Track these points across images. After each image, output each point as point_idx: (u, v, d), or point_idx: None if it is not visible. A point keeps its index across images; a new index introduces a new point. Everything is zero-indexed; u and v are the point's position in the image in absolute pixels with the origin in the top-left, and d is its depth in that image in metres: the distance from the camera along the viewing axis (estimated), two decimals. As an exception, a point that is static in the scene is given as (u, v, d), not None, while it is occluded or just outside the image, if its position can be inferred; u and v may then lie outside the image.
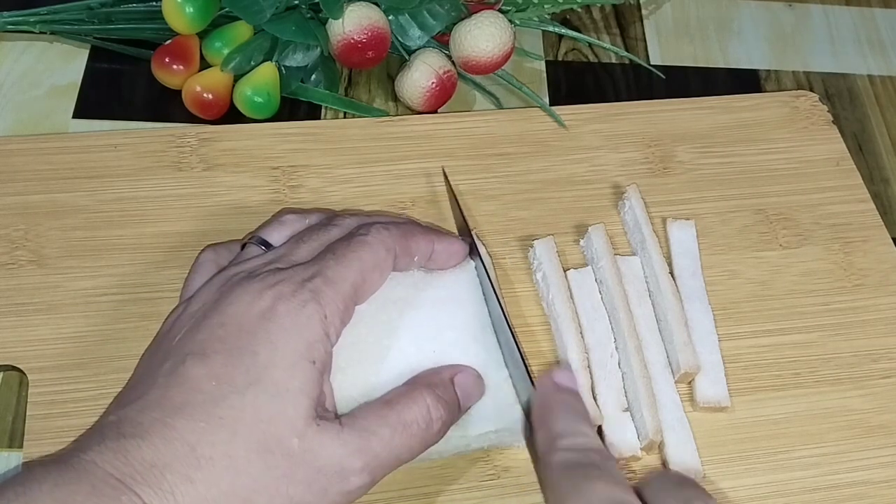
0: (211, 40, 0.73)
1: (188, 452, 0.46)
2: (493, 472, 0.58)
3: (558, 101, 0.79)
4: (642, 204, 0.68)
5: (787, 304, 0.66)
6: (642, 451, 0.59)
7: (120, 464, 0.45)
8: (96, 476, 0.45)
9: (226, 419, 0.48)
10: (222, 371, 0.49)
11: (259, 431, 0.48)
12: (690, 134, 0.75)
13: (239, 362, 0.49)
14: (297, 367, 0.50)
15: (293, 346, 0.50)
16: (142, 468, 0.45)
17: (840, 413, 0.62)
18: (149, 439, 0.46)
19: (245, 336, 0.50)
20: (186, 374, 0.49)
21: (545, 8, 0.78)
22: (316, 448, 0.49)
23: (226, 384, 0.49)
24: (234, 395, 0.48)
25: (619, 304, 0.63)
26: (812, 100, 0.79)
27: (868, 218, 0.72)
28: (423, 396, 0.53)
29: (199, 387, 0.48)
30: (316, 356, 0.51)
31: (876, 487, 0.59)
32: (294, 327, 0.51)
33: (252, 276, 0.53)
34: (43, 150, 0.69)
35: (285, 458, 0.48)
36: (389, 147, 0.72)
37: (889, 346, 0.65)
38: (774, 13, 0.90)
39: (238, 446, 0.47)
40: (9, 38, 0.77)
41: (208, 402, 0.48)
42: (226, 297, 0.52)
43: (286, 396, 0.49)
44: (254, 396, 0.48)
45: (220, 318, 0.51)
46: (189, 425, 0.47)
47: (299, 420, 0.49)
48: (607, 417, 0.59)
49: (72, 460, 0.46)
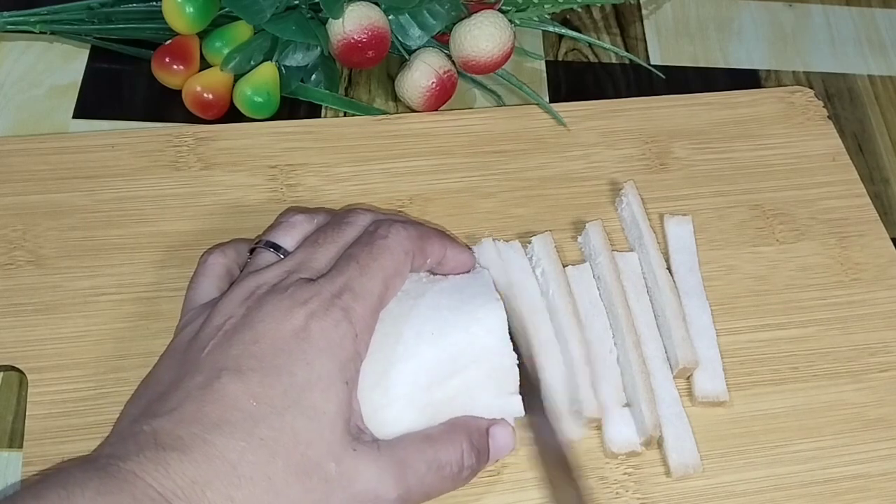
0: (211, 40, 0.73)
1: (229, 471, 0.46)
2: (494, 468, 0.57)
3: (558, 100, 0.79)
4: (639, 200, 0.68)
5: (785, 299, 0.66)
6: (641, 446, 0.59)
7: (161, 477, 0.45)
8: (137, 488, 0.44)
9: (266, 440, 0.47)
10: (260, 390, 0.48)
11: (298, 454, 0.48)
12: (687, 130, 0.75)
13: (277, 382, 0.49)
14: (332, 389, 0.49)
15: (329, 368, 0.50)
16: (183, 483, 0.45)
17: (838, 407, 0.62)
18: (189, 454, 0.46)
19: (281, 355, 0.49)
20: (223, 390, 0.48)
21: (545, 8, 0.78)
22: (353, 473, 0.49)
23: (265, 404, 0.48)
24: (273, 415, 0.48)
25: (617, 300, 0.63)
26: (808, 95, 0.79)
27: (864, 213, 0.72)
28: (461, 441, 0.53)
29: (237, 405, 0.48)
30: (349, 376, 0.50)
31: (874, 481, 0.59)
32: (329, 348, 0.50)
33: (279, 291, 0.52)
34: (40, 150, 0.69)
35: (322, 482, 0.48)
36: (387, 145, 0.72)
37: (886, 339, 0.65)
38: (774, 13, 0.90)
39: (277, 468, 0.47)
40: (9, 38, 0.77)
41: (248, 421, 0.47)
42: (255, 313, 0.51)
43: (323, 420, 0.49)
44: (293, 418, 0.48)
45: (252, 335, 0.50)
46: (230, 444, 0.46)
47: (336, 444, 0.49)
48: (606, 413, 0.59)
49: (111, 468, 0.45)
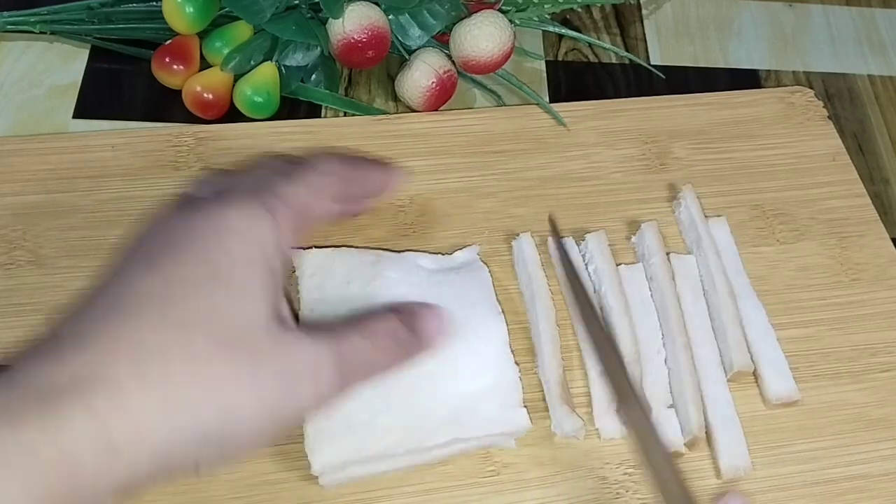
0: (211, 40, 0.73)
1: (137, 348, 0.42)
2: (493, 468, 0.58)
3: (558, 100, 0.79)
4: (698, 203, 0.68)
5: (785, 300, 0.66)
6: (685, 447, 0.59)
7: (58, 369, 0.41)
8: (32, 388, 0.40)
9: (181, 317, 0.44)
10: (171, 274, 0.45)
11: (220, 327, 0.44)
12: (687, 130, 0.75)
13: (191, 262, 0.46)
14: (254, 269, 0.46)
15: (247, 248, 0.47)
16: (85, 371, 0.41)
17: (839, 407, 0.62)
18: (92, 343, 0.42)
19: (196, 241, 0.47)
20: (131, 281, 0.45)
21: (545, 8, 0.78)
22: (284, 345, 0.46)
23: (177, 285, 0.44)
24: (189, 293, 0.44)
25: (669, 301, 0.63)
26: (808, 95, 0.79)
27: (864, 213, 0.72)
28: (389, 315, 0.51)
29: (147, 291, 0.44)
30: (272, 265, 0.48)
31: (875, 481, 0.59)
32: (247, 230, 0.47)
33: (194, 197, 0.51)
34: (40, 150, 0.69)
35: (251, 353, 0.45)
36: (387, 145, 0.72)
37: (887, 339, 0.65)
38: (774, 13, 0.90)
39: (196, 342, 0.43)
40: (9, 38, 0.77)
41: (159, 302, 0.44)
42: (168, 216, 0.49)
43: (246, 295, 0.46)
44: (210, 293, 0.45)
45: (165, 232, 0.48)
46: (140, 324, 0.43)
47: (263, 319, 0.46)
48: (652, 413, 0.60)
49: (2, 376, 0.41)
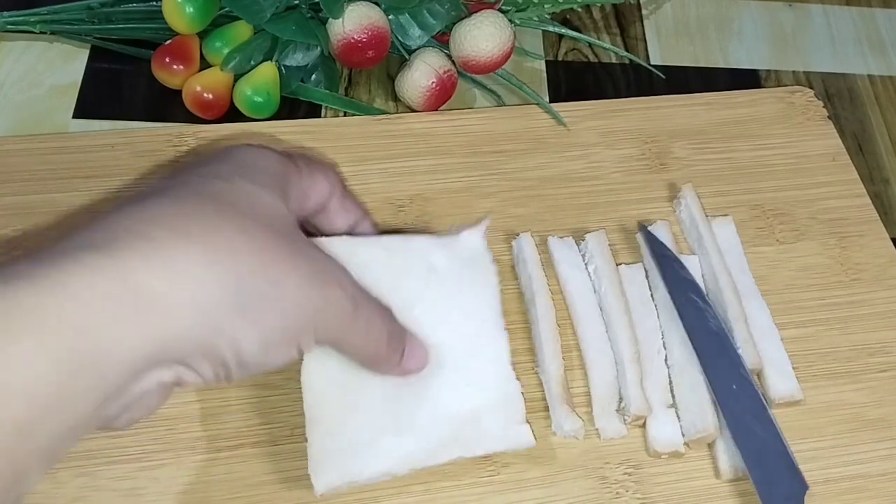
0: (211, 40, 0.73)
1: (177, 214, 0.42)
2: (493, 468, 0.58)
3: (558, 100, 0.79)
4: (699, 203, 0.68)
5: (785, 299, 0.66)
6: (685, 446, 0.59)
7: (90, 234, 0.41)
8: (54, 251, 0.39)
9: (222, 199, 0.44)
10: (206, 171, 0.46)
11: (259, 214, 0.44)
12: (687, 130, 0.75)
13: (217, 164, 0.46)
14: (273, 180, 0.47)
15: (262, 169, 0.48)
16: (120, 232, 0.40)
17: (838, 407, 0.62)
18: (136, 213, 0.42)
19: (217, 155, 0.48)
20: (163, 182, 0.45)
21: (545, 8, 0.78)
22: (310, 245, 0.46)
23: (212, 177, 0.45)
24: (223, 185, 0.45)
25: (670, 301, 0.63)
26: (808, 95, 0.79)
27: (864, 213, 0.72)
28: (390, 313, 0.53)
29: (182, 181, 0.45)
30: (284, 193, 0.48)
31: (874, 481, 0.59)
32: (261, 158, 0.48)
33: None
34: (40, 150, 0.69)
35: (287, 237, 0.45)
36: (387, 145, 0.72)
37: (886, 339, 0.65)
38: (774, 13, 0.90)
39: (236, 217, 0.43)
40: (9, 38, 0.77)
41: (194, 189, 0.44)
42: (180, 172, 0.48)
43: (273, 194, 0.46)
44: (241, 182, 0.45)
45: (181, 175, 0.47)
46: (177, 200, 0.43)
47: (292, 221, 0.46)
48: (652, 412, 0.59)
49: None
